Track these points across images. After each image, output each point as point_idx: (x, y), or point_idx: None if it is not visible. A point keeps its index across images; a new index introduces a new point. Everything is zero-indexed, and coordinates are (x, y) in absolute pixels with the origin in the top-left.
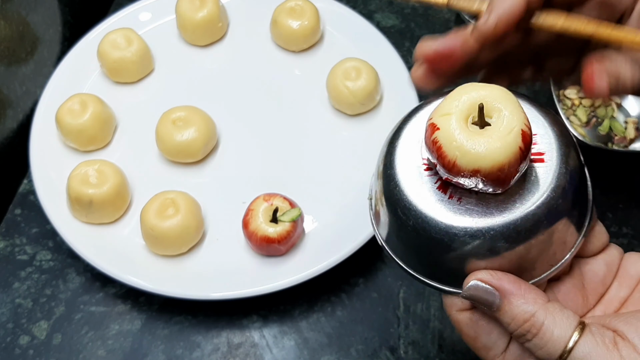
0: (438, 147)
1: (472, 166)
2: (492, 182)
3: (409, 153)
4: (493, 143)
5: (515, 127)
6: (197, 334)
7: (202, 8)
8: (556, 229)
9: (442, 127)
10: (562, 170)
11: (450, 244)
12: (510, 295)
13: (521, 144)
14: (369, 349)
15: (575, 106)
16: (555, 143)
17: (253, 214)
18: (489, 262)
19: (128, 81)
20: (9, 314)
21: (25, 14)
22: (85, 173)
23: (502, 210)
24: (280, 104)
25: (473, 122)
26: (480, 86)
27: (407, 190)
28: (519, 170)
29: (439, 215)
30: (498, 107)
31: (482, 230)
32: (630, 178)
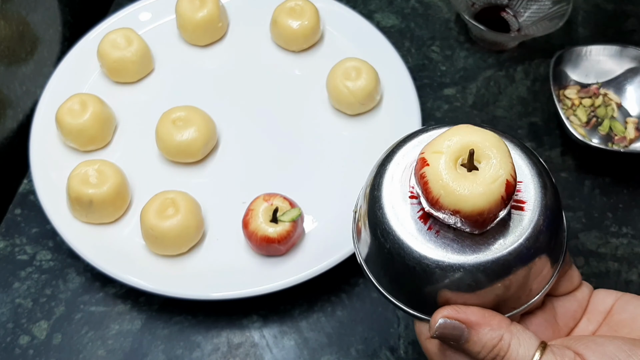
0: (425, 182)
1: (453, 206)
2: (471, 223)
3: (397, 178)
4: (477, 188)
5: (501, 176)
6: (197, 334)
7: (202, 8)
8: (526, 273)
9: (432, 164)
10: (540, 221)
11: (422, 273)
12: (476, 325)
13: (503, 194)
14: (369, 349)
15: (575, 106)
16: (537, 194)
17: (253, 214)
18: (459, 296)
19: (128, 81)
20: (9, 314)
21: (25, 13)
22: (85, 173)
23: (475, 250)
24: (280, 103)
25: (462, 163)
26: (475, 130)
27: (389, 214)
28: (497, 216)
29: (415, 244)
30: (488, 154)
31: (453, 266)
32: (630, 178)
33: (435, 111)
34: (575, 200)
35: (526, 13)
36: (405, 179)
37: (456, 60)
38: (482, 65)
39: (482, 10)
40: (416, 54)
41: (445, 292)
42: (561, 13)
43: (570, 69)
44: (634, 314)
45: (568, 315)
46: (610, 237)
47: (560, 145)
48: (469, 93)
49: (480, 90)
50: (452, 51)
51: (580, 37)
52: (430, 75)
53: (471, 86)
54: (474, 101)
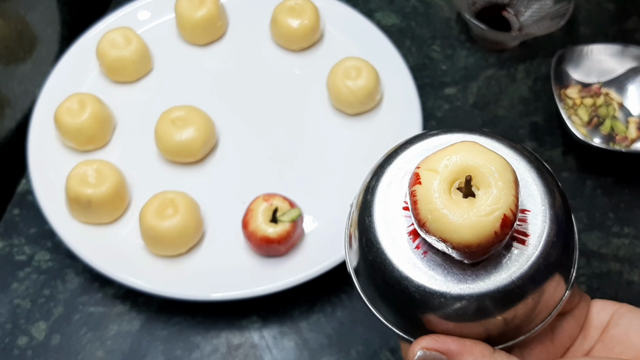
0: (414, 201)
1: (439, 234)
2: (459, 254)
3: (396, 184)
4: (468, 219)
5: (498, 210)
6: (196, 335)
7: (202, 7)
8: (516, 313)
9: (424, 183)
10: (539, 260)
11: (400, 294)
12: (458, 355)
13: (498, 229)
14: (370, 350)
15: (577, 105)
16: (545, 229)
17: (253, 214)
18: (441, 324)
19: (127, 80)
20: (7, 315)
21: (24, 13)
22: (83, 173)
23: (462, 280)
24: (280, 103)
25: (459, 187)
26: (480, 151)
27: (377, 223)
28: (489, 250)
29: (399, 261)
30: (489, 182)
31: (435, 293)
32: (632, 178)
33: (436, 111)
34: (576, 200)
35: (527, 12)
36: (404, 187)
37: (457, 59)
38: (483, 64)
39: (483, 9)
40: (417, 53)
41: (428, 316)
42: (562, 12)
43: (571, 68)
44: (627, 328)
45: (565, 335)
46: (612, 238)
47: (561, 145)
48: (470, 92)
49: (481, 90)
50: (453, 50)
51: (582, 36)
52: (431, 75)
53: (472, 85)
54: (474, 101)
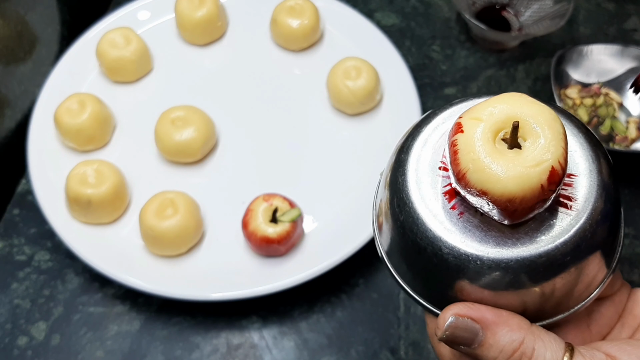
0: (455, 151)
1: (480, 185)
2: (499, 211)
3: (432, 144)
4: (512, 169)
5: (547, 161)
6: (196, 335)
7: (202, 7)
8: (558, 284)
9: (467, 131)
10: (585, 227)
11: (433, 257)
12: (493, 325)
13: (545, 182)
14: (369, 350)
15: (577, 105)
16: (591, 194)
17: (252, 214)
18: (476, 292)
19: (127, 80)
20: (7, 315)
21: (24, 13)
22: (83, 173)
23: (499, 243)
24: (279, 103)
25: (504, 137)
26: (528, 101)
27: (410, 182)
28: (533, 209)
29: (432, 222)
30: (537, 132)
31: (469, 256)
32: (632, 178)
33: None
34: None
35: (527, 12)
36: (440, 147)
37: (457, 59)
38: (482, 64)
39: (483, 10)
40: (417, 53)
41: (461, 284)
42: (562, 12)
43: (571, 68)
44: None
45: (602, 321)
46: None
47: None
48: (470, 92)
49: (481, 90)
50: (452, 50)
51: (582, 36)
52: (430, 75)
53: (472, 85)
54: None
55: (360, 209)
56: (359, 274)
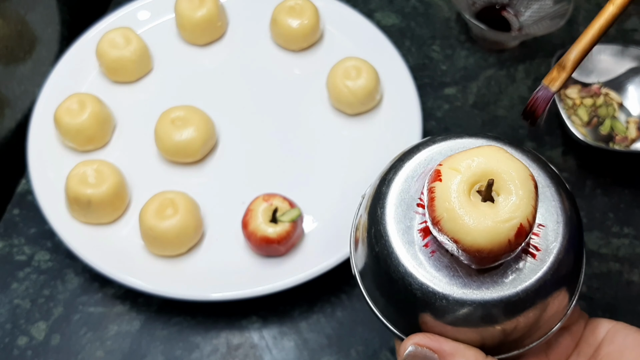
0: (432, 197)
1: (452, 234)
2: (469, 257)
3: (414, 179)
4: (483, 223)
5: (516, 218)
6: (196, 335)
7: (202, 7)
8: (517, 324)
9: (445, 180)
10: (548, 277)
11: (403, 291)
12: (449, 356)
13: (512, 238)
14: (369, 350)
15: (577, 106)
16: (557, 247)
17: (252, 214)
18: (439, 326)
19: (127, 80)
20: (7, 315)
21: (24, 13)
22: (83, 173)
23: (466, 284)
24: (279, 103)
25: (479, 189)
26: (504, 157)
27: (389, 216)
28: (499, 259)
29: (405, 257)
30: (509, 189)
31: (436, 294)
32: (632, 178)
33: (436, 111)
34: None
35: (527, 12)
36: (420, 185)
37: (457, 59)
38: (482, 64)
39: (482, 10)
40: (416, 53)
41: (426, 317)
42: (562, 12)
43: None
44: (621, 346)
45: (560, 350)
46: (612, 238)
47: (561, 145)
48: (470, 92)
49: (481, 90)
50: (452, 50)
51: None
52: (430, 75)
53: (472, 86)
54: (474, 101)
55: None
56: None
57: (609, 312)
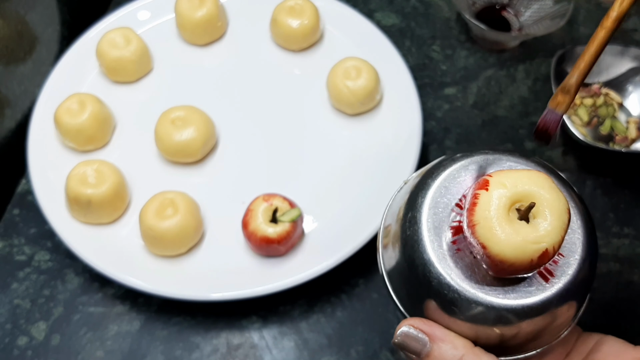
0: (474, 202)
1: (483, 240)
2: (490, 264)
3: (453, 181)
4: (513, 239)
5: (544, 243)
6: (196, 335)
7: (202, 7)
8: (520, 333)
9: (491, 191)
10: (554, 302)
11: (422, 276)
12: (439, 340)
13: (535, 259)
14: (369, 350)
15: (577, 106)
16: (569, 278)
17: (252, 214)
18: (444, 318)
19: (127, 80)
20: (7, 315)
21: (24, 13)
22: (83, 173)
23: (479, 286)
24: (280, 103)
25: (518, 207)
26: (550, 185)
27: (427, 206)
28: (517, 274)
29: (432, 247)
30: (545, 215)
31: (450, 286)
32: (632, 178)
33: (436, 111)
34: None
35: (527, 12)
36: (462, 188)
37: (457, 59)
38: (483, 64)
39: (483, 10)
40: (417, 53)
41: (433, 305)
42: (562, 12)
43: (571, 68)
44: (607, 353)
45: (551, 358)
46: (612, 238)
47: (561, 145)
48: (470, 93)
49: (481, 90)
50: (452, 50)
51: (582, 36)
52: (430, 75)
53: (472, 86)
54: (474, 101)
55: (360, 209)
56: (359, 274)
57: (609, 312)
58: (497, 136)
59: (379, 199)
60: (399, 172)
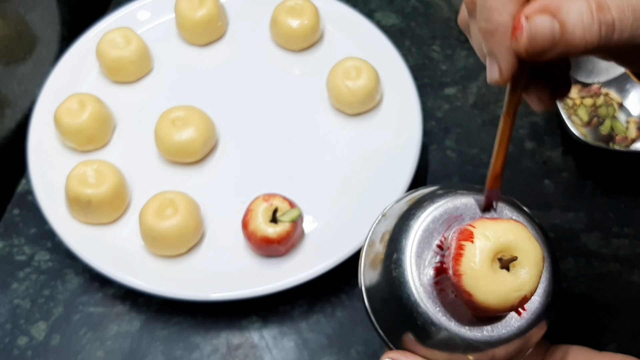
0: (459, 253)
1: (469, 289)
2: (473, 309)
3: (435, 223)
4: (497, 289)
5: (523, 290)
6: (196, 335)
7: (202, 7)
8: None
9: (476, 244)
10: (524, 330)
11: (408, 313)
12: None
13: (515, 305)
14: (369, 350)
15: (577, 106)
16: (539, 310)
17: (252, 214)
18: (421, 350)
19: (127, 80)
20: (7, 315)
21: (24, 13)
22: (83, 173)
23: (460, 323)
24: (280, 103)
25: (500, 258)
26: (526, 236)
27: (410, 249)
28: (497, 316)
29: (417, 288)
30: (524, 264)
31: (435, 325)
32: (632, 178)
33: (436, 111)
34: (576, 201)
35: None
36: (443, 228)
37: (457, 59)
38: (482, 64)
39: None
40: (417, 53)
41: (413, 339)
42: None
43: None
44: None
45: None
46: (612, 238)
47: (561, 145)
48: (470, 92)
49: (481, 90)
50: (452, 50)
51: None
52: (430, 75)
53: (472, 86)
54: (474, 101)
55: (360, 209)
56: None
57: (609, 312)
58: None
59: (379, 199)
60: (398, 172)
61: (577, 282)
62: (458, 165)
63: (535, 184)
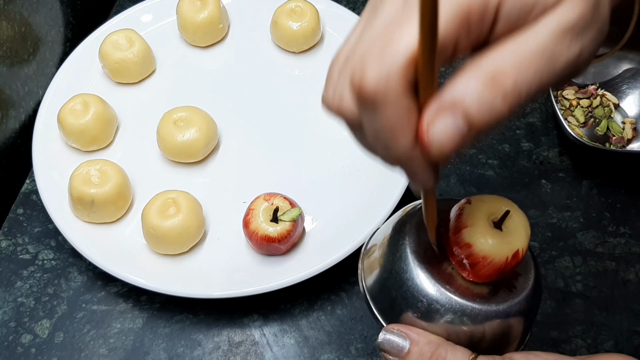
0: (460, 213)
1: (469, 239)
2: (471, 263)
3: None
4: (494, 238)
5: (516, 244)
6: (198, 333)
7: (203, 9)
8: (482, 336)
9: (473, 204)
10: (509, 315)
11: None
12: (416, 339)
13: (510, 257)
14: (369, 347)
15: (573, 107)
16: (528, 290)
17: (253, 214)
18: (416, 322)
19: (130, 82)
20: (11, 313)
21: (28, 14)
22: (87, 173)
23: (454, 292)
24: (280, 104)
25: (493, 219)
26: (515, 208)
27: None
28: (493, 275)
29: (416, 262)
30: (514, 228)
31: (435, 298)
32: (628, 178)
33: None
34: (573, 200)
35: None
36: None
37: (456, 61)
38: None
39: None
40: None
41: (412, 314)
42: None
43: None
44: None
45: None
46: (608, 237)
47: (558, 145)
48: None
49: None
50: None
51: None
52: None
53: None
54: None
55: (360, 209)
56: None
57: (606, 310)
58: (494, 136)
59: (379, 199)
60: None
61: (574, 280)
62: (456, 165)
63: (532, 184)
